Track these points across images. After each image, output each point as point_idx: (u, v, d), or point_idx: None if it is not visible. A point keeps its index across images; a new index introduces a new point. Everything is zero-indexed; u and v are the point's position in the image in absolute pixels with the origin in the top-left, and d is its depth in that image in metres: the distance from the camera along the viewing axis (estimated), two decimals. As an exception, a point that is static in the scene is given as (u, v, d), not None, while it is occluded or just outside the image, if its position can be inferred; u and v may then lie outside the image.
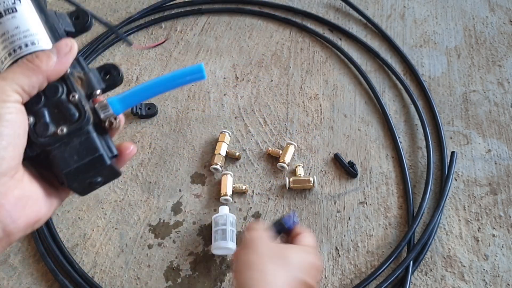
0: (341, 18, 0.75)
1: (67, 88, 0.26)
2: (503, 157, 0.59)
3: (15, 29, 0.27)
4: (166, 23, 0.75)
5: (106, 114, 0.27)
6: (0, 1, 0.27)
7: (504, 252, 0.52)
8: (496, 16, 0.74)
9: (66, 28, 0.30)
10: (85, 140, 0.26)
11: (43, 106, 0.26)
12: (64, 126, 0.25)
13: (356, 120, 0.63)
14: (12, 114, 0.24)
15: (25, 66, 0.25)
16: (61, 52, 0.26)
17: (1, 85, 0.24)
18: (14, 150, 0.24)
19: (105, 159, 0.26)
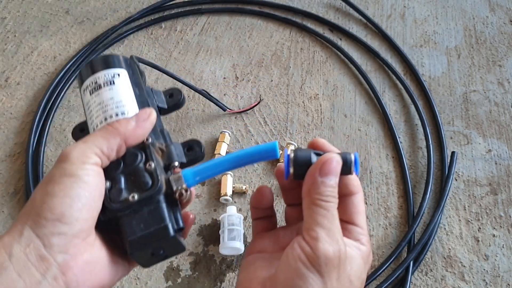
0: (341, 18, 0.75)
1: (145, 156, 0.27)
2: (504, 157, 0.59)
3: (110, 99, 0.29)
4: (166, 23, 0.75)
5: (178, 186, 0.27)
6: (101, 75, 0.30)
7: (505, 252, 0.52)
8: (497, 16, 0.74)
9: (159, 104, 0.32)
10: (154, 209, 0.26)
11: (121, 172, 0.27)
12: (136, 193, 0.26)
13: (356, 120, 0.63)
14: (89, 176, 0.24)
15: (105, 129, 0.27)
16: (140, 118, 0.28)
17: (81, 147, 0.25)
18: (88, 213, 0.24)
19: (169, 230, 0.25)
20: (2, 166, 0.60)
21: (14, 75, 0.69)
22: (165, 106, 0.33)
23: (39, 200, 0.23)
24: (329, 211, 0.26)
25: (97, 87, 0.29)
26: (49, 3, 0.79)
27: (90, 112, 0.29)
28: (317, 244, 0.25)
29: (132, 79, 0.31)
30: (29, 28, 0.75)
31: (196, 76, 0.69)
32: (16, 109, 0.66)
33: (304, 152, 0.27)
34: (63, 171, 0.24)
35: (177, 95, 0.33)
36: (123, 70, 0.31)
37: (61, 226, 0.23)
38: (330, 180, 0.26)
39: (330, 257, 0.24)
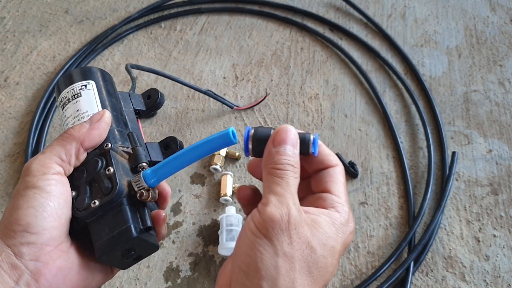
0: (341, 18, 0.75)
1: (106, 162, 0.27)
2: (504, 157, 0.59)
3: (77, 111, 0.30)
4: (165, 22, 0.75)
5: (139, 186, 0.27)
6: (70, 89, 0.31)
7: (505, 252, 0.52)
8: (497, 16, 0.74)
9: (137, 107, 0.33)
10: (117, 212, 0.26)
11: (84, 181, 0.27)
12: (97, 199, 0.26)
13: (357, 120, 0.63)
14: (52, 186, 0.25)
15: (61, 137, 0.27)
16: (93, 120, 0.28)
17: (40, 159, 0.26)
18: (56, 221, 0.25)
19: (132, 230, 0.25)
20: (1, 166, 0.60)
21: (13, 75, 0.69)
22: (143, 108, 0.33)
23: (7, 214, 0.24)
24: (283, 179, 0.25)
25: (66, 102, 0.31)
26: (49, 2, 0.79)
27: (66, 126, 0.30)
28: (264, 209, 0.24)
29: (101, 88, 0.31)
30: (28, 27, 0.75)
31: (196, 76, 0.68)
32: (15, 109, 0.65)
33: (264, 130, 0.27)
34: (25, 184, 0.25)
35: (154, 95, 0.33)
36: (91, 81, 0.31)
37: (29, 236, 0.24)
38: (284, 148, 0.26)
39: (277, 220, 0.23)
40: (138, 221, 0.27)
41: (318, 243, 0.24)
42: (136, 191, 0.27)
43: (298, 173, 0.26)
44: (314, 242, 0.24)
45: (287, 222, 0.23)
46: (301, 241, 0.24)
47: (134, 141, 0.30)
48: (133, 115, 0.32)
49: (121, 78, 0.68)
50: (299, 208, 0.25)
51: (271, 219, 0.23)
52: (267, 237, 0.23)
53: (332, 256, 0.25)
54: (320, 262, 0.24)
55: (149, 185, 0.27)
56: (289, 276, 0.23)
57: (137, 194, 0.27)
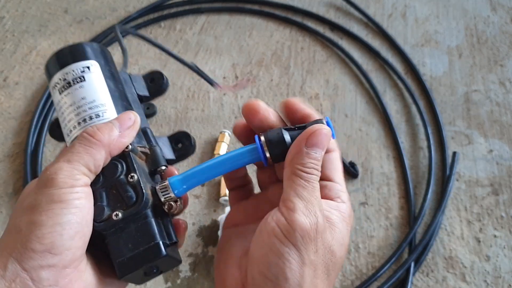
0: (341, 17, 0.75)
1: (126, 167, 0.24)
2: (505, 158, 0.59)
3: (81, 100, 0.25)
4: (165, 22, 0.75)
5: (166, 196, 0.24)
6: (69, 70, 0.26)
7: (506, 253, 0.51)
8: (498, 16, 0.74)
9: (140, 93, 0.29)
10: (142, 225, 0.23)
11: (101, 186, 0.24)
12: (119, 210, 0.23)
13: (357, 120, 0.63)
14: (81, 200, 0.22)
15: (87, 142, 0.23)
16: (124, 126, 0.25)
17: (67, 169, 0.22)
18: (81, 240, 0.22)
19: (161, 248, 0.23)
20: (1, 166, 0.60)
21: (12, 75, 0.69)
22: (147, 93, 0.29)
23: (26, 230, 0.21)
24: (310, 183, 0.24)
25: (66, 85, 0.26)
26: (48, 2, 0.78)
27: (62, 114, 0.26)
28: (293, 216, 0.23)
29: (106, 70, 0.27)
30: (28, 27, 0.75)
31: (196, 76, 0.68)
32: (14, 109, 0.65)
33: (275, 132, 0.25)
34: (50, 197, 0.22)
35: (158, 79, 0.29)
36: (94, 62, 0.27)
37: (51, 257, 0.21)
38: (316, 152, 0.24)
39: (306, 229, 0.22)
40: (164, 236, 0.24)
41: (337, 246, 0.24)
42: (163, 202, 0.24)
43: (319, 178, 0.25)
44: (334, 246, 0.24)
45: (315, 231, 0.23)
46: (324, 248, 0.23)
47: (149, 139, 0.27)
48: (137, 102, 0.28)
49: (120, 78, 0.68)
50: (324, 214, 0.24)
51: (301, 228, 0.22)
52: (296, 246, 0.22)
53: (345, 252, 0.25)
54: (338, 264, 0.24)
55: (176, 194, 0.25)
56: (313, 283, 0.23)
57: (165, 205, 0.24)
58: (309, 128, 0.25)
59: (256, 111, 0.26)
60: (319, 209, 0.23)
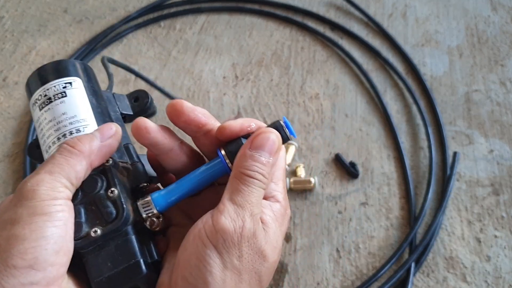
0: (342, 17, 0.75)
1: (107, 181, 0.23)
2: (506, 158, 0.59)
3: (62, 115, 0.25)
4: (165, 21, 0.75)
5: (148, 212, 0.23)
6: (51, 86, 0.25)
7: (507, 253, 0.51)
8: (499, 15, 0.74)
9: (124, 111, 0.28)
10: (122, 243, 0.22)
11: (79, 202, 0.23)
12: (98, 227, 0.22)
13: (357, 120, 0.63)
14: (64, 213, 0.21)
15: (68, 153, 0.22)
16: (104, 136, 0.24)
17: (49, 180, 0.21)
18: (65, 256, 0.21)
19: (142, 267, 0.22)
20: (0, 166, 0.60)
21: (12, 75, 0.69)
22: (131, 112, 0.29)
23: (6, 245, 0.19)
24: (248, 187, 0.23)
25: (46, 101, 0.25)
26: (47, 2, 0.78)
27: (42, 130, 0.25)
28: (219, 218, 0.22)
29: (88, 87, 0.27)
30: (27, 27, 0.74)
31: (196, 76, 0.68)
32: (14, 109, 0.65)
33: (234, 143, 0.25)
34: (32, 210, 0.20)
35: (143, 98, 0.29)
36: (76, 78, 0.26)
37: (33, 274, 0.19)
38: (260, 155, 0.23)
39: (229, 233, 0.21)
40: (146, 254, 0.23)
41: (270, 249, 0.23)
42: (144, 218, 0.23)
43: (267, 183, 0.24)
44: (267, 250, 0.23)
45: (240, 235, 0.22)
46: (253, 253, 0.22)
47: (131, 155, 0.26)
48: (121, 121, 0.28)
49: (120, 78, 0.68)
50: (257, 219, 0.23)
51: (223, 231, 0.21)
52: (217, 248, 0.21)
53: (279, 255, 0.24)
54: (271, 268, 0.23)
55: (158, 210, 0.24)
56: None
57: (147, 222, 0.23)
58: (256, 131, 0.24)
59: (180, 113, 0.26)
60: (251, 214, 0.22)
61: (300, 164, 0.58)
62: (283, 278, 0.50)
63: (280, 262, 0.51)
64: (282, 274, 0.51)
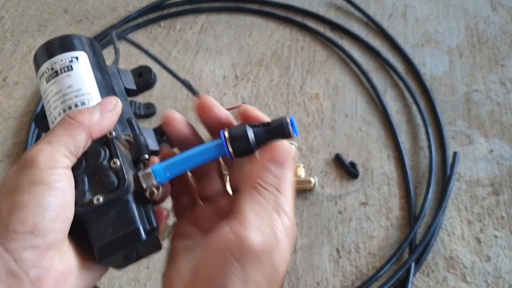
0: (342, 17, 0.75)
1: (110, 153, 0.24)
2: (506, 158, 0.59)
3: (68, 88, 0.26)
4: (165, 21, 0.75)
5: (148, 183, 0.24)
6: (57, 60, 0.27)
7: (507, 253, 0.51)
8: (499, 15, 0.74)
9: (127, 86, 0.29)
10: (122, 211, 0.23)
11: (83, 171, 0.24)
12: (101, 194, 0.23)
13: (358, 120, 0.63)
14: (62, 182, 0.22)
15: (68, 124, 0.23)
16: (105, 109, 0.25)
17: (48, 150, 0.22)
18: (63, 222, 0.22)
19: (141, 233, 0.23)
20: (0, 166, 0.60)
21: (12, 75, 0.69)
22: (134, 87, 0.30)
23: (7, 212, 0.21)
24: (268, 201, 0.23)
25: (53, 74, 0.26)
26: (47, 2, 0.78)
27: (48, 102, 0.26)
28: (244, 232, 0.22)
29: (93, 62, 0.28)
30: (27, 27, 0.75)
31: (196, 76, 0.68)
32: (14, 109, 0.65)
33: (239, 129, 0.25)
34: (31, 179, 0.22)
35: (146, 74, 0.30)
36: (82, 53, 0.27)
37: (33, 239, 0.21)
38: (278, 170, 0.24)
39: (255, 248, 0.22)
40: (145, 221, 0.24)
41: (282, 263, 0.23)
42: (144, 189, 0.24)
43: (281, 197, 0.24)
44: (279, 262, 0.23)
45: (263, 250, 0.22)
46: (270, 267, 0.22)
47: (133, 128, 0.27)
48: (124, 95, 0.29)
49: (120, 77, 0.68)
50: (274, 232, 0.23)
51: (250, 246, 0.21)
52: (241, 264, 0.21)
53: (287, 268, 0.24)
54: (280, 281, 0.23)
55: (158, 182, 0.25)
56: None
57: (146, 192, 0.24)
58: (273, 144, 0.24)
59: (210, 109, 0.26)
60: (270, 227, 0.23)
61: (300, 164, 0.58)
62: (283, 278, 0.50)
63: (280, 262, 0.51)
64: (282, 274, 0.51)
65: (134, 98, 0.65)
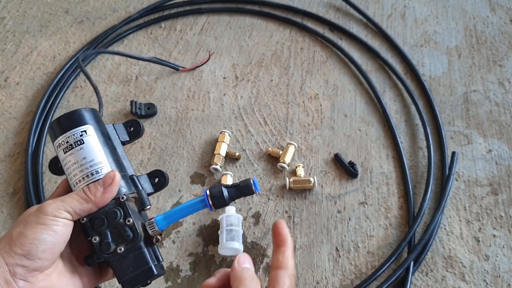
0: (341, 18, 0.75)
1: (124, 213, 0.33)
2: (504, 157, 0.59)
3: (83, 159, 0.34)
4: (165, 22, 0.75)
5: (153, 231, 0.33)
6: (71, 134, 0.34)
7: (505, 252, 0.52)
8: (497, 16, 0.74)
9: (122, 139, 0.37)
10: (138, 254, 0.32)
11: (106, 227, 0.33)
12: (122, 245, 0.32)
13: (357, 120, 0.63)
14: (59, 227, 0.30)
15: (81, 195, 0.32)
16: (106, 184, 0.33)
17: (58, 205, 0.31)
18: (51, 255, 0.30)
19: (153, 270, 0.32)
20: (2, 166, 0.60)
21: (13, 75, 0.69)
22: (128, 138, 0.38)
23: (15, 237, 0.30)
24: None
25: (69, 147, 0.34)
26: (49, 2, 0.79)
27: (68, 169, 0.34)
28: None
29: (98, 131, 0.35)
30: (29, 28, 0.75)
31: (196, 76, 0.68)
32: (15, 109, 0.65)
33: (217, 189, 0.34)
34: (38, 219, 0.30)
35: (136, 126, 0.38)
36: (89, 126, 0.35)
37: (25, 260, 0.29)
38: (247, 267, 0.30)
39: None
40: (154, 259, 0.33)
41: None
42: (151, 235, 0.33)
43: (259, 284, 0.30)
44: None
45: None
46: None
47: (136, 185, 0.35)
48: (120, 147, 0.37)
49: (121, 78, 0.68)
50: None
51: None
52: None
53: None
54: None
55: (160, 228, 0.33)
56: None
57: (153, 238, 0.33)
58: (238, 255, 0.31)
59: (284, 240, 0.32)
60: None
61: (299, 163, 0.59)
62: (282, 277, 0.51)
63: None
64: (281, 273, 0.51)
65: (135, 98, 0.66)
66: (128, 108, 0.64)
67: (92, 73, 0.69)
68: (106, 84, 0.67)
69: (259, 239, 0.53)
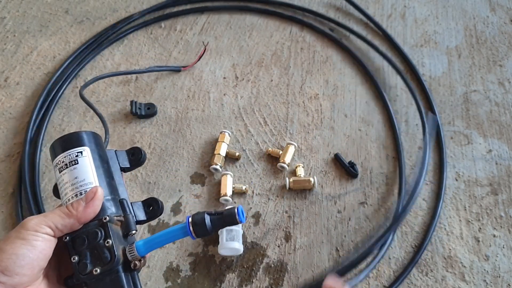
0: (341, 18, 0.75)
1: (104, 233, 0.32)
2: (504, 157, 0.59)
3: (74, 178, 0.34)
4: (165, 22, 0.75)
5: (132, 256, 0.32)
6: (66, 155, 0.34)
7: (505, 252, 0.52)
8: (497, 16, 0.74)
9: (122, 165, 0.37)
10: (114, 278, 0.31)
11: (86, 247, 0.32)
12: (98, 267, 0.31)
13: (357, 120, 0.63)
14: (38, 242, 0.30)
15: (64, 210, 0.32)
16: (88, 198, 0.32)
17: (39, 220, 0.31)
18: (29, 270, 0.29)
19: None
20: (1, 166, 0.60)
21: (13, 75, 0.69)
22: (128, 165, 0.38)
23: None
24: None
25: (64, 166, 0.34)
26: (49, 2, 0.79)
27: (61, 188, 0.34)
28: None
29: (95, 153, 0.35)
30: (29, 28, 0.75)
31: (196, 76, 0.68)
32: (15, 109, 0.65)
33: (200, 216, 0.33)
34: (18, 234, 0.30)
35: (137, 154, 0.38)
36: (86, 148, 0.35)
37: (3, 276, 0.28)
38: None
39: None
40: (131, 285, 0.32)
41: None
42: (130, 261, 0.32)
43: None
44: None
45: None
46: None
47: (124, 209, 0.35)
48: (119, 172, 0.37)
49: (121, 78, 0.68)
50: None
51: None
52: None
53: None
54: None
55: (140, 254, 0.32)
56: None
57: (131, 263, 0.32)
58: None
59: None
60: None
61: (299, 164, 0.59)
62: (282, 277, 0.51)
63: (279, 261, 0.52)
64: (281, 273, 0.51)
65: (135, 98, 0.66)
66: (128, 108, 0.64)
67: (92, 74, 0.69)
68: (106, 84, 0.67)
69: (259, 239, 0.53)
